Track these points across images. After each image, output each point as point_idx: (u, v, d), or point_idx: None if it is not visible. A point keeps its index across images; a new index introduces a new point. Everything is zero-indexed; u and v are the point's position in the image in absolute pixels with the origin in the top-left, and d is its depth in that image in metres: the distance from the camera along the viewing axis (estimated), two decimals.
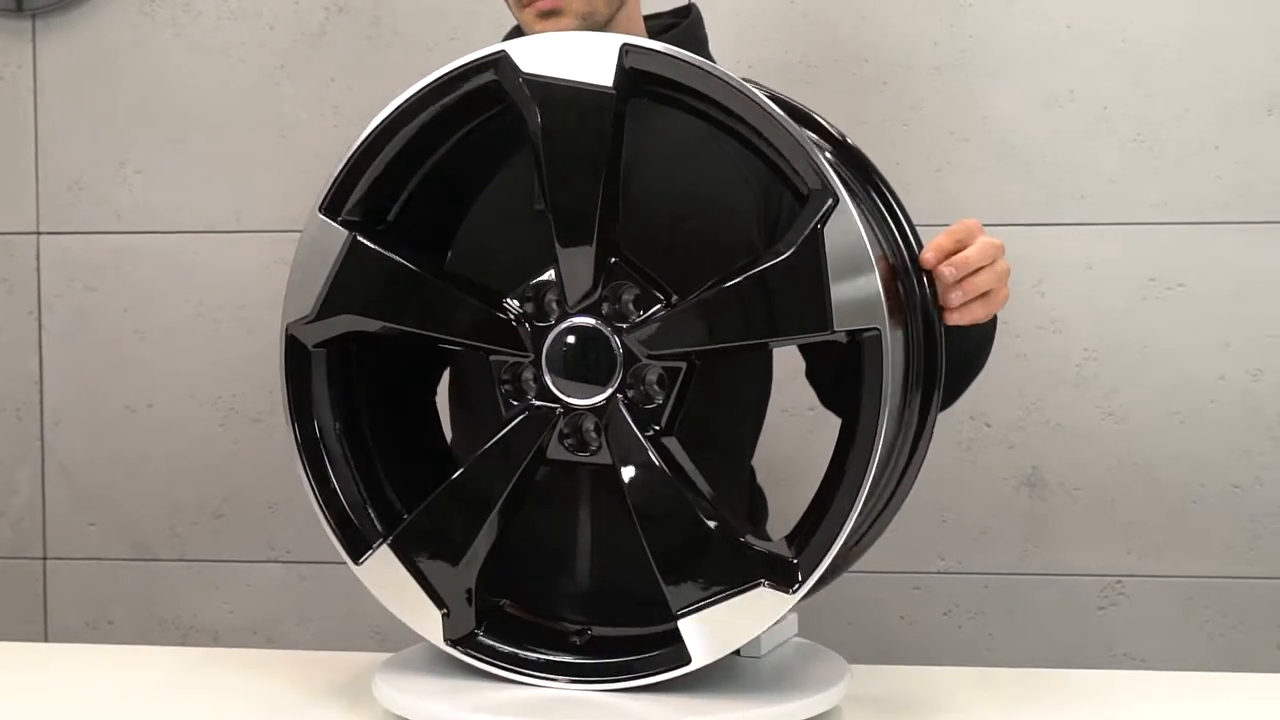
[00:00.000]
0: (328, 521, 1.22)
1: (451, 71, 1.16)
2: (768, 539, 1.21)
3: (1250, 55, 2.03)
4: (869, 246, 1.05)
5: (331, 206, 1.21)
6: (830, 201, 1.05)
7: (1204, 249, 2.04)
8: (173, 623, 2.25)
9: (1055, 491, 2.09)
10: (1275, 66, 2.02)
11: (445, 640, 1.19)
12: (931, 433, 1.19)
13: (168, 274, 2.21)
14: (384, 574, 1.20)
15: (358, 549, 1.21)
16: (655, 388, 1.13)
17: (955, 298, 1.17)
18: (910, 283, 1.16)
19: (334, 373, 1.24)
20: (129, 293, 2.21)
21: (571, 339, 1.13)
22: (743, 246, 1.40)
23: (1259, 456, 2.06)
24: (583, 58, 1.11)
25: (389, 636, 2.20)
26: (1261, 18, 2.02)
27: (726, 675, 1.16)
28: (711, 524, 1.10)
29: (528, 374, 1.17)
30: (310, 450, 1.23)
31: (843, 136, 1.26)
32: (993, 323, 1.34)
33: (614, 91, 1.10)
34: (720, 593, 1.08)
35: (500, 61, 1.14)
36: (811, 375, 1.51)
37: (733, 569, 1.08)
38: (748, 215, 1.42)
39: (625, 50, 1.10)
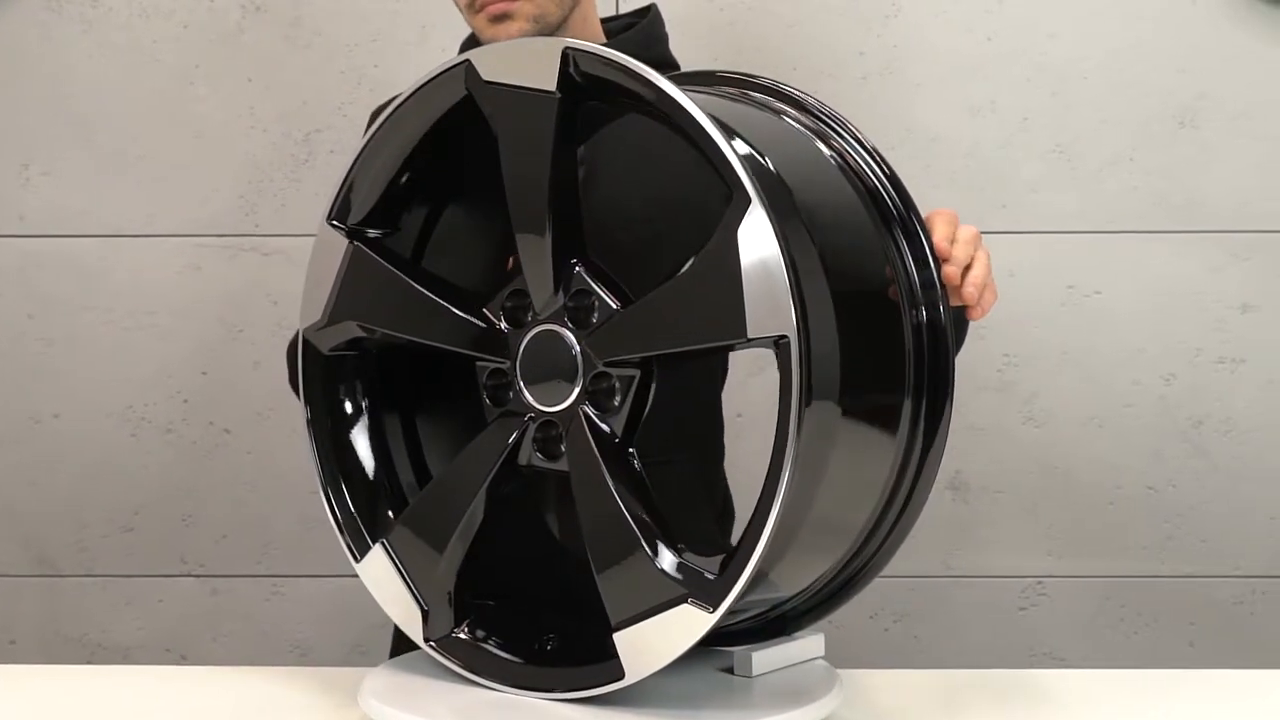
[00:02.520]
0: (335, 523, 1.23)
1: (426, 81, 1.15)
2: (731, 547, 1.20)
3: (1163, 70, 2.09)
4: (780, 251, 1.01)
5: (338, 215, 1.21)
6: (744, 205, 1.02)
7: (1120, 257, 2.10)
8: (79, 641, 2.16)
9: (978, 495, 2.13)
10: (1185, 81, 2.09)
11: (423, 640, 1.19)
12: (941, 451, 1.16)
13: (75, 279, 2.12)
14: (379, 574, 1.20)
15: (363, 548, 1.21)
16: (616, 395, 1.11)
17: (971, 294, 1.19)
18: (907, 290, 1.16)
19: (354, 375, 1.25)
20: (34, 299, 2.13)
21: (538, 345, 1.13)
22: None
23: (1171, 459, 2.12)
24: (528, 63, 1.10)
25: (309, 652, 2.16)
26: (1173, 34, 2.08)
27: (714, 689, 1.15)
28: (647, 538, 1.07)
29: (502, 379, 1.16)
30: (324, 453, 1.23)
31: (864, 143, 1.24)
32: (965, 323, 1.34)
33: (557, 95, 1.09)
34: (650, 608, 1.06)
35: (468, 70, 1.13)
36: None
37: (663, 585, 1.06)
38: (717, 214, 1.42)
39: (566, 54, 1.09)
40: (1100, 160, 2.10)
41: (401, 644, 1.52)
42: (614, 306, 1.10)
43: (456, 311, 1.16)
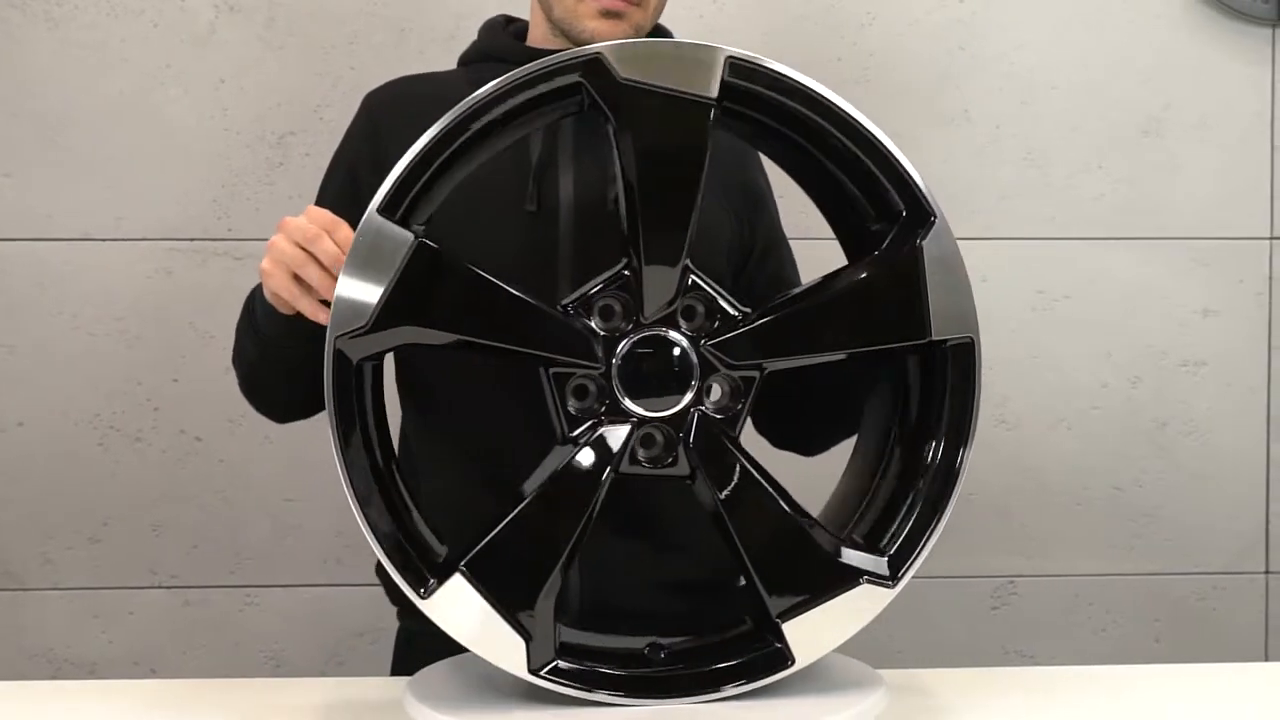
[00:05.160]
0: (386, 555, 1.10)
1: (538, 71, 1.10)
2: None
3: (1127, 80, 2.14)
4: (964, 262, 1.15)
5: (389, 207, 1.10)
6: (930, 220, 1.14)
7: (1088, 263, 2.15)
8: (44, 656, 2.11)
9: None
10: (1148, 92, 2.15)
11: (530, 670, 1.11)
12: None
13: (40, 283, 2.07)
14: (457, 605, 1.10)
15: (421, 580, 1.10)
16: (729, 397, 1.14)
17: None
18: None
19: (378, 385, 1.15)
20: None
21: (650, 350, 1.11)
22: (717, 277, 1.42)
23: (1138, 460, 2.17)
24: (687, 67, 1.10)
25: (284, 663, 2.12)
26: (1138, 46, 2.14)
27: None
28: (810, 527, 1.14)
29: (590, 386, 1.12)
30: (358, 477, 1.11)
31: None
32: None
33: (715, 103, 1.10)
34: (824, 593, 1.12)
35: (592, 64, 1.10)
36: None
37: (834, 569, 1.13)
38: (723, 246, 1.44)
39: (730, 62, 1.10)
40: (1069, 168, 2.15)
41: (407, 658, 1.50)
42: (734, 311, 1.13)
43: (557, 315, 1.11)
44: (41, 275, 2.07)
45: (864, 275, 1.14)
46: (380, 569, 1.49)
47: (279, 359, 1.38)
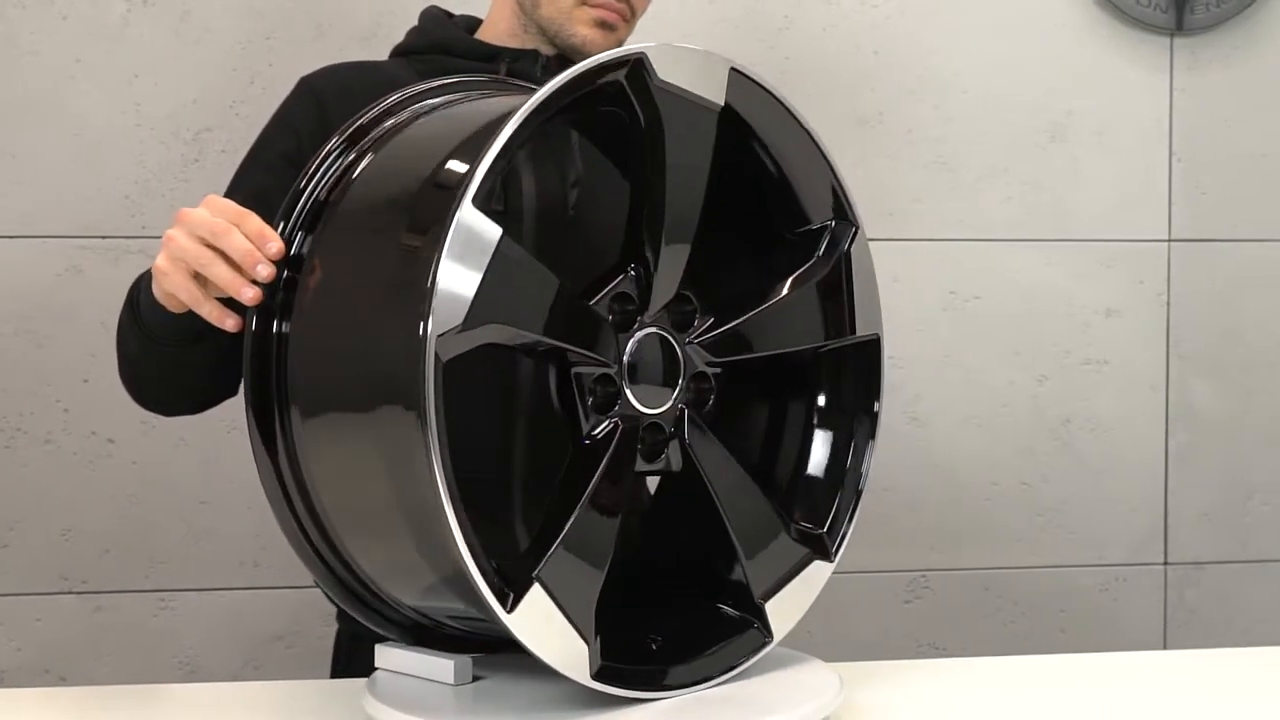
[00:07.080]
0: (480, 573, 1.01)
1: (594, 66, 1.07)
2: None
3: (1034, 86, 2.21)
4: (873, 266, 1.25)
5: (481, 199, 1.01)
6: (854, 230, 1.23)
7: (997, 264, 2.21)
8: None
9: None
10: (1053, 98, 2.21)
11: (591, 677, 1.07)
12: None
13: None
14: (538, 617, 1.04)
15: (503, 595, 1.03)
16: (704, 393, 1.18)
17: None
18: None
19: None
20: None
21: (649, 347, 1.12)
22: None
23: (1044, 456, 2.24)
24: (704, 72, 1.12)
25: (198, 669, 2.09)
26: (1042, 53, 2.21)
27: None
28: (780, 515, 1.20)
29: (600, 385, 1.12)
30: (454, 495, 1.00)
31: None
32: None
33: (720, 109, 1.13)
34: (791, 571, 1.19)
35: (636, 64, 1.09)
36: None
37: (794, 549, 1.19)
38: None
39: (732, 72, 1.14)
40: (978, 171, 2.20)
41: (350, 661, 1.48)
42: (699, 310, 1.17)
43: (598, 314, 1.10)
44: None
45: (813, 280, 1.20)
46: None
47: (164, 358, 1.33)
